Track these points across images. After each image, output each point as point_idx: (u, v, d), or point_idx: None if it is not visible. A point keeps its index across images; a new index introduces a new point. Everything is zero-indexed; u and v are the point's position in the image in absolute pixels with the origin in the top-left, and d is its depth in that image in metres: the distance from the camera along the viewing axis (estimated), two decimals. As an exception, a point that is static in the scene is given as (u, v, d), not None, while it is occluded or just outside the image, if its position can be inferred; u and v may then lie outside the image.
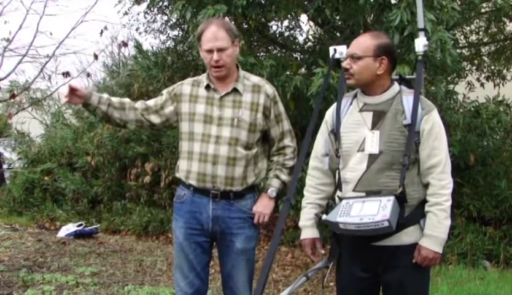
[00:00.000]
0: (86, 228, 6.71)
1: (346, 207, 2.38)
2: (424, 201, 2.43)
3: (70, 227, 6.70)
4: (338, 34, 6.01)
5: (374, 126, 2.45)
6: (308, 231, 2.64)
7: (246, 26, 5.75)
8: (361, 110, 2.50)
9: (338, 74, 3.44)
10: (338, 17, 5.61)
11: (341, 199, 2.48)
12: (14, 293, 4.29)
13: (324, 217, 2.47)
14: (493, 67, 7.37)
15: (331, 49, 2.78)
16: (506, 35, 7.05)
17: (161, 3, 6.55)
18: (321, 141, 2.64)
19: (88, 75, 10.61)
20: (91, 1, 17.78)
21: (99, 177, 7.55)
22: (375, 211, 2.30)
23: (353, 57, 2.46)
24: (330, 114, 2.63)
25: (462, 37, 7.13)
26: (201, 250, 2.84)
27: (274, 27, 6.82)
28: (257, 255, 4.90)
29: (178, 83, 2.95)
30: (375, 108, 2.47)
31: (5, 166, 9.76)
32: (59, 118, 9.16)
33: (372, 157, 2.42)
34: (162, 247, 6.18)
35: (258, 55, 6.05)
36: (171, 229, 3.35)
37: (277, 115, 2.87)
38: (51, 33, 12.45)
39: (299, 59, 6.39)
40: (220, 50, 2.72)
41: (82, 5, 18.97)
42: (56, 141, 8.31)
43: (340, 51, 2.73)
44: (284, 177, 2.89)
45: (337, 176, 2.56)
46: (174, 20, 7.13)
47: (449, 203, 2.40)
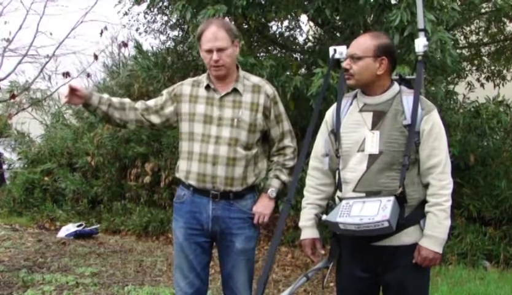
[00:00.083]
0: (86, 228, 6.71)
1: (346, 207, 2.38)
2: (424, 202, 2.43)
3: (70, 227, 6.70)
4: (338, 34, 6.01)
5: (374, 126, 2.45)
6: (308, 231, 2.64)
7: (246, 26, 5.75)
8: (361, 110, 2.50)
9: (338, 74, 3.43)
10: (338, 17, 5.61)
11: (340, 199, 2.48)
12: (14, 293, 4.29)
13: (324, 217, 2.47)
14: (493, 68, 7.37)
15: (331, 49, 2.78)
16: (506, 35, 7.05)
17: (161, 3, 6.55)
18: (321, 141, 2.64)
19: (88, 75, 10.60)
20: (91, 1, 17.75)
21: (99, 178, 7.55)
22: (375, 211, 2.30)
23: (353, 57, 2.46)
24: (330, 114, 2.63)
25: (462, 37, 7.13)
26: (201, 250, 2.84)
27: (274, 28, 6.83)
28: (257, 256, 4.91)
29: (178, 84, 2.96)
30: (375, 108, 2.47)
31: (5, 166, 9.73)
32: (59, 118, 9.16)
33: (372, 157, 2.42)
34: (162, 248, 6.18)
35: (258, 55, 6.05)
36: (171, 229, 3.35)
37: (277, 115, 2.87)
38: (51, 33, 12.32)
39: (299, 59, 6.39)
40: (219, 50, 2.72)
41: (82, 6, 18.94)
42: (56, 141, 8.31)
43: (340, 52, 2.74)
44: (284, 177, 2.89)
45: (337, 177, 2.56)
46: (174, 20, 7.13)
47: (449, 203, 2.40)
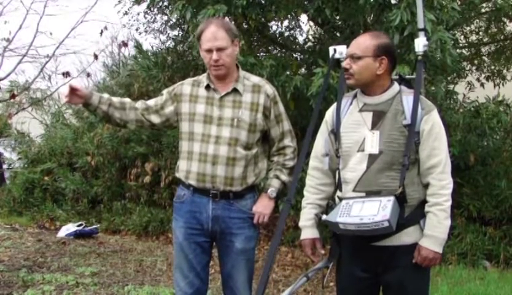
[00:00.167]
0: (86, 228, 6.71)
1: (346, 207, 2.38)
2: (424, 202, 2.43)
3: (70, 227, 6.69)
4: (338, 34, 6.01)
5: (374, 126, 2.44)
6: (308, 231, 2.64)
7: (246, 26, 5.74)
8: (361, 110, 2.50)
9: (338, 74, 3.43)
10: (338, 17, 5.61)
11: (340, 199, 2.47)
12: (14, 293, 4.29)
13: (324, 217, 2.47)
14: (493, 67, 7.37)
15: (331, 49, 2.78)
16: (506, 35, 7.05)
17: (161, 3, 6.56)
18: (321, 141, 2.63)
19: (88, 75, 10.61)
20: (91, 1, 17.77)
21: (99, 177, 7.54)
22: (375, 211, 2.30)
23: (353, 57, 2.46)
24: (330, 114, 2.63)
25: (462, 37, 7.12)
26: (200, 250, 2.84)
27: (274, 27, 6.83)
28: (257, 256, 4.91)
29: (178, 83, 2.96)
30: (375, 108, 2.47)
31: (5, 166, 9.75)
32: (59, 118, 9.15)
33: (372, 157, 2.42)
34: (162, 247, 6.18)
35: (258, 55, 6.05)
36: (171, 229, 3.35)
37: (277, 115, 2.87)
38: (51, 33, 12.37)
39: (299, 59, 6.39)
40: (219, 49, 2.72)
41: (82, 5, 18.96)
42: (56, 141, 8.30)
43: (340, 51, 2.73)
44: (284, 177, 2.89)
45: (337, 176, 2.56)
46: (174, 20, 7.13)
47: (449, 203, 2.40)
